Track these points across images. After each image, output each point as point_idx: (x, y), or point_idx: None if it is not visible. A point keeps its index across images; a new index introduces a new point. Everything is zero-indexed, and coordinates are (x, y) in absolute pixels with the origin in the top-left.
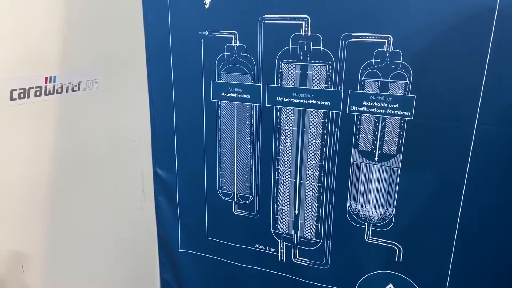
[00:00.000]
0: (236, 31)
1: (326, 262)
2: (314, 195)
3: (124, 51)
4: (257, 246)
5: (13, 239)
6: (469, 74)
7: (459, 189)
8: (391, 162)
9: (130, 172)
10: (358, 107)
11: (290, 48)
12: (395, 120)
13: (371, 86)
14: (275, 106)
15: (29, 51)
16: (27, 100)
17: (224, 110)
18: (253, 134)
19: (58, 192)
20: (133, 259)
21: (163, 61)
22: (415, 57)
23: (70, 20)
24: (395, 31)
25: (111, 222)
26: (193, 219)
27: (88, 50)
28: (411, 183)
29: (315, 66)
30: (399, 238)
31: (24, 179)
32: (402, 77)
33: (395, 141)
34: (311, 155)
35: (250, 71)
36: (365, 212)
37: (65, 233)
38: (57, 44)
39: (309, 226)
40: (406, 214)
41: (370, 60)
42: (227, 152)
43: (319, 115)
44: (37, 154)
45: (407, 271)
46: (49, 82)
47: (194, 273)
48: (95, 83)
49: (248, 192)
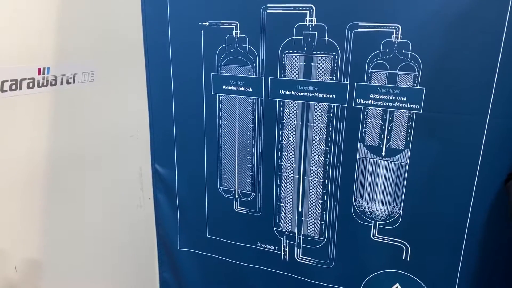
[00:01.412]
0: (238, 22)
1: (330, 261)
2: (318, 191)
3: (122, 43)
4: (259, 244)
5: (6, 237)
6: (481, 66)
7: (469, 184)
8: (399, 157)
9: (128, 169)
10: (365, 100)
11: (293, 39)
12: (403, 114)
13: (378, 78)
14: (278, 99)
15: (22, 41)
16: (19, 92)
17: (225, 104)
18: (255, 128)
19: (53, 190)
20: (132, 258)
21: (162, 52)
22: (424, 47)
23: (64, 10)
24: (404, 21)
25: (109, 220)
26: (193, 217)
27: (84, 41)
28: (419, 179)
29: (320, 58)
30: (406, 236)
31: (18, 176)
32: (411, 68)
33: (403, 136)
34: (316, 150)
35: (252, 63)
36: (371, 209)
37: (61, 231)
38: (51, 34)
39: (313, 224)
40: (414, 211)
41: (377, 51)
42: (228, 148)
43: (324, 109)
44: (31, 149)
45: (415, 270)
46: (43, 73)
47: (194, 272)
48: (91, 76)
49: (249, 189)
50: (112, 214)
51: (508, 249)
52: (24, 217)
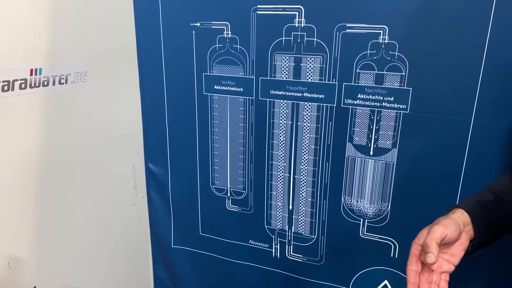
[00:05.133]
0: (228, 22)
1: (320, 258)
2: (309, 190)
3: (114, 43)
4: (251, 242)
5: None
6: (466, 66)
7: (456, 183)
8: (387, 157)
9: (121, 167)
10: (353, 100)
11: (283, 40)
12: (390, 114)
13: (366, 78)
14: (269, 99)
15: (13, 42)
16: (11, 93)
17: (216, 104)
18: (246, 128)
19: (47, 189)
20: (126, 256)
21: (154, 53)
22: (411, 48)
23: (56, 10)
24: (391, 22)
25: (102, 218)
26: (186, 215)
27: (76, 41)
28: (407, 178)
29: (309, 58)
30: (394, 234)
31: (11, 176)
32: (397, 69)
33: (391, 135)
34: (305, 150)
35: (242, 64)
36: (360, 208)
37: (54, 230)
38: (43, 35)
39: (303, 222)
40: (402, 209)
41: (365, 52)
42: (220, 147)
43: (313, 109)
44: (23, 149)
45: (403, 268)
46: (35, 74)
47: (187, 269)
48: (83, 76)
49: (241, 187)
50: (105, 213)
51: (495, 247)
52: (17, 216)
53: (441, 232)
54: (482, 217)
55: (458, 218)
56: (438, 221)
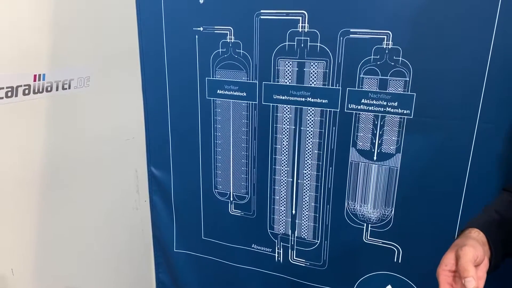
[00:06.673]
0: (232, 27)
1: (323, 263)
2: (312, 194)
3: (117, 48)
4: (254, 246)
5: (2, 241)
6: (470, 72)
7: (459, 188)
8: (390, 162)
9: (124, 172)
10: (357, 105)
11: (286, 45)
12: (394, 119)
13: (369, 83)
14: (272, 104)
15: (17, 48)
16: (15, 98)
17: (219, 108)
18: (249, 132)
19: (50, 194)
20: (129, 260)
21: (157, 57)
22: (415, 53)
23: (60, 16)
24: (395, 27)
25: (105, 222)
26: (188, 219)
27: (79, 47)
28: (410, 183)
29: (312, 63)
30: (398, 239)
31: (14, 181)
32: (401, 74)
33: (395, 140)
34: (309, 154)
35: (246, 68)
36: (363, 212)
37: (58, 235)
38: (46, 40)
39: (306, 226)
40: (405, 214)
41: (368, 57)
42: (223, 151)
43: (317, 113)
44: (27, 155)
45: (406, 273)
46: (38, 80)
47: (190, 273)
48: (86, 81)
49: (244, 191)
50: (108, 217)
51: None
52: (20, 221)
53: (473, 254)
54: (496, 236)
55: (477, 238)
56: (463, 243)
